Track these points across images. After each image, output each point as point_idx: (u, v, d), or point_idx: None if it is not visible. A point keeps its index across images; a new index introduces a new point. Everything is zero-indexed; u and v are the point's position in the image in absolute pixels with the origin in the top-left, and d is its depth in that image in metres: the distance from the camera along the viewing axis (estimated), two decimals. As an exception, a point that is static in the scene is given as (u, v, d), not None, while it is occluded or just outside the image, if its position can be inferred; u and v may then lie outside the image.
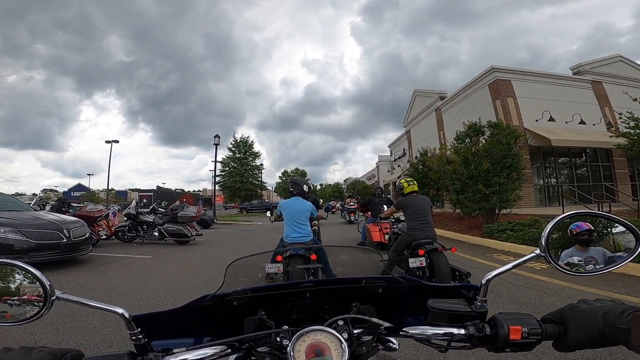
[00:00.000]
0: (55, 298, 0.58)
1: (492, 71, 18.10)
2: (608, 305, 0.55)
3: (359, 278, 0.72)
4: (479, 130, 9.84)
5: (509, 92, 17.60)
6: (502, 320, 0.58)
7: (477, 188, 8.85)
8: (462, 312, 0.63)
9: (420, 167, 15.02)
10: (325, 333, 0.58)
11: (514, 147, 9.26)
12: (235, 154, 46.67)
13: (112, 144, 36.10)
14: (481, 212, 9.27)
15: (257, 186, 45.31)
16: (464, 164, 9.26)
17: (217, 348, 0.61)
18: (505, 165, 8.88)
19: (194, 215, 8.89)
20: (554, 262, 0.63)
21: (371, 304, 0.69)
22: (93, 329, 3.04)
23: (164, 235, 8.83)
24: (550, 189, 17.11)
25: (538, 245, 0.63)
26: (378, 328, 0.63)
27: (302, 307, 0.72)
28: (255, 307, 0.69)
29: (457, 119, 21.40)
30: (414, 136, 28.77)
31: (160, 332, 0.66)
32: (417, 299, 0.68)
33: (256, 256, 0.84)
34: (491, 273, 0.64)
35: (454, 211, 12.33)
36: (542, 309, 3.43)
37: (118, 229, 9.32)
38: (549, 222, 0.64)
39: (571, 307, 0.58)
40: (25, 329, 2.86)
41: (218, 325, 0.70)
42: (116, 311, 0.58)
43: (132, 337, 0.59)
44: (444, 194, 14.78)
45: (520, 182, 9.21)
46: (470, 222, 10.75)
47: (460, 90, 21.23)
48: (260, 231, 13.66)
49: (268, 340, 0.61)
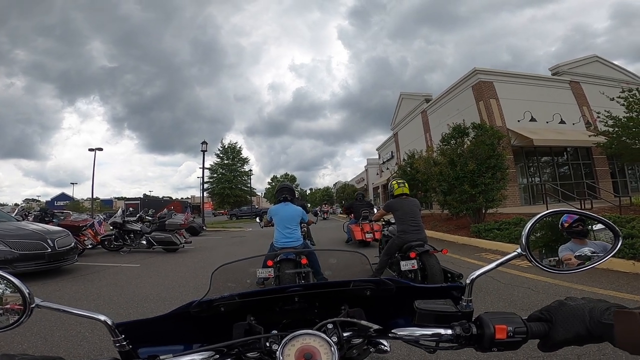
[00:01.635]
0: (35, 306, 0.57)
1: (474, 73, 18.50)
2: (593, 302, 0.56)
3: (347, 281, 0.72)
4: (463, 131, 10.04)
5: (492, 94, 18.00)
6: (487, 320, 0.58)
7: (464, 189, 9.01)
8: (448, 313, 0.63)
9: (408, 170, 15.19)
10: (314, 337, 0.57)
11: (498, 147, 9.47)
12: (223, 160, 46.26)
13: (96, 151, 35.56)
14: (468, 212, 9.44)
15: (246, 192, 44.98)
16: (450, 165, 9.43)
17: (204, 354, 0.60)
18: (490, 165, 9.07)
19: (182, 223, 8.80)
20: (534, 261, 0.63)
21: (360, 307, 0.70)
22: (82, 338, 2.99)
23: (152, 243, 8.70)
24: (534, 187, 17.51)
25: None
26: (367, 330, 0.63)
27: (291, 312, 0.72)
28: (244, 312, 0.69)
29: (442, 120, 21.73)
30: (402, 139, 29.11)
31: (147, 339, 0.65)
32: (404, 300, 0.69)
33: (244, 261, 0.83)
34: (475, 273, 0.65)
35: (442, 212, 12.51)
36: (531, 307, 3.21)
37: (104, 238, 9.14)
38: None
39: (559, 303, 0.58)
40: (12, 338, 2.80)
41: (207, 331, 0.70)
42: (98, 318, 0.58)
43: (115, 344, 0.58)
44: (431, 195, 15.04)
45: (505, 181, 9.43)
46: (458, 222, 10.91)
47: (445, 93, 21.62)
48: (250, 237, 13.58)
49: (257, 345, 0.61)
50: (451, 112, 20.35)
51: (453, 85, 20.59)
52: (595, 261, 0.64)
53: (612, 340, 0.50)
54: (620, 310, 0.50)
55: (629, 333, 0.47)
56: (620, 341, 0.49)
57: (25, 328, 0.84)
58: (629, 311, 0.48)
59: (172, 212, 9.56)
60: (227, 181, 44.14)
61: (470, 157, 9.13)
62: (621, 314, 0.49)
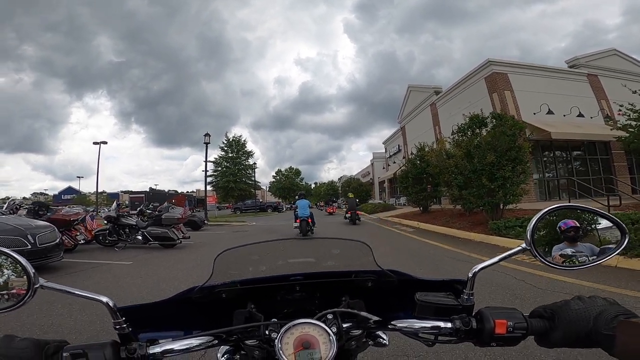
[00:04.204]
0: (39, 286, 0.57)
1: (488, 64, 17.72)
2: (602, 306, 0.53)
3: (349, 272, 0.72)
4: (482, 121, 9.35)
5: (506, 85, 17.23)
6: (488, 314, 0.58)
7: (481, 182, 8.37)
8: (448, 306, 0.62)
9: (417, 163, 14.52)
10: (313, 326, 0.57)
11: (519, 138, 8.80)
12: (227, 153, 45.77)
13: (101, 145, 35.38)
14: (485, 208, 8.79)
15: (250, 186, 44.52)
16: (466, 157, 8.77)
17: (203, 339, 0.60)
18: (510, 157, 8.41)
19: (180, 217, 8.26)
20: (539, 256, 0.62)
21: (361, 298, 0.69)
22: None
23: (147, 239, 8.20)
24: (550, 183, 16.78)
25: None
26: (367, 322, 0.63)
27: (292, 301, 0.72)
28: (245, 300, 0.69)
29: (453, 113, 20.99)
30: (409, 132, 28.34)
31: (148, 323, 0.65)
32: (406, 292, 0.67)
33: (248, 247, 0.82)
34: (477, 266, 0.63)
35: (454, 207, 11.89)
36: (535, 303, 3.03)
37: (99, 232, 8.67)
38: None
39: (564, 303, 0.56)
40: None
41: (207, 318, 0.69)
42: (100, 300, 0.58)
43: (115, 326, 0.58)
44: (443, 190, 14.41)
45: (526, 175, 8.76)
46: (472, 218, 10.30)
47: (456, 85, 20.83)
48: (252, 232, 13.07)
49: (257, 333, 0.61)
50: (462, 105, 19.59)
51: (465, 76, 19.80)
52: (603, 257, 0.62)
53: (609, 350, 0.49)
54: (625, 321, 0.49)
55: (631, 344, 0.47)
56: (620, 351, 0.48)
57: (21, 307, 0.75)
58: (635, 322, 0.48)
59: (169, 205, 9.03)
60: (231, 174, 43.72)
61: (488, 149, 8.47)
62: (626, 324, 0.49)
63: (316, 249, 0.98)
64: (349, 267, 0.75)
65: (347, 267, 0.75)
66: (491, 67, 17.59)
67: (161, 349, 0.58)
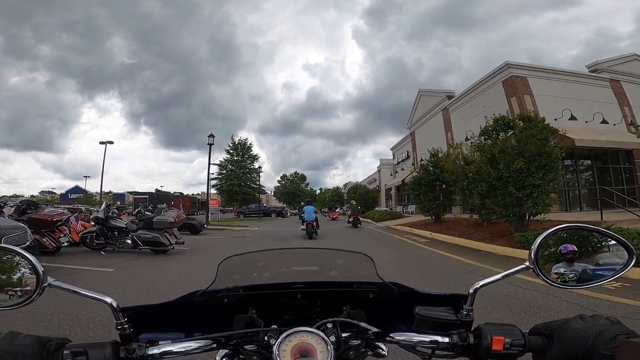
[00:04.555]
0: (48, 285, 0.58)
1: (506, 67, 16.90)
2: (603, 326, 0.52)
3: (351, 282, 0.73)
4: (509, 124, 8.50)
5: (525, 89, 16.39)
6: (486, 330, 0.58)
7: (508, 191, 7.52)
8: (447, 320, 0.63)
9: (430, 169, 13.65)
10: (312, 334, 0.57)
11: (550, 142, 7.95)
12: (233, 156, 45.27)
13: (107, 145, 35.08)
14: (511, 219, 7.91)
15: (254, 190, 43.83)
16: (490, 163, 7.92)
17: (202, 342, 0.61)
18: (540, 164, 7.56)
19: (173, 221, 7.49)
20: (541, 275, 0.62)
21: (362, 309, 0.70)
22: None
23: (137, 243, 7.47)
24: (570, 192, 15.80)
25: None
26: (366, 333, 0.62)
27: (293, 309, 0.72)
28: (247, 305, 0.69)
29: (466, 118, 20.16)
30: (419, 138, 27.49)
31: (148, 325, 0.65)
32: (406, 305, 0.68)
33: (252, 254, 0.83)
34: (479, 283, 0.63)
35: (471, 217, 11.02)
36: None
37: (85, 234, 7.96)
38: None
39: (565, 321, 0.55)
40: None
41: (208, 321, 0.69)
42: (105, 300, 0.59)
43: (117, 326, 0.59)
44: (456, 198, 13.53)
45: (557, 183, 7.89)
46: (492, 229, 9.43)
47: (470, 89, 20.00)
48: (253, 238, 12.29)
49: (256, 338, 0.61)
50: (477, 109, 18.76)
51: (480, 80, 18.98)
52: (609, 277, 0.62)
53: None
54: (627, 340, 0.48)
55: None
56: None
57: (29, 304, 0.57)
58: (636, 342, 0.47)
59: (163, 208, 8.29)
60: (235, 178, 43.13)
61: (515, 154, 7.62)
62: (627, 344, 0.48)
63: (320, 258, 0.94)
64: (351, 278, 0.75)
65: (350, 278, 0.76)
66: (509, 70, 16.77)
67: (160, 350, 0.58)
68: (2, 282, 0.59)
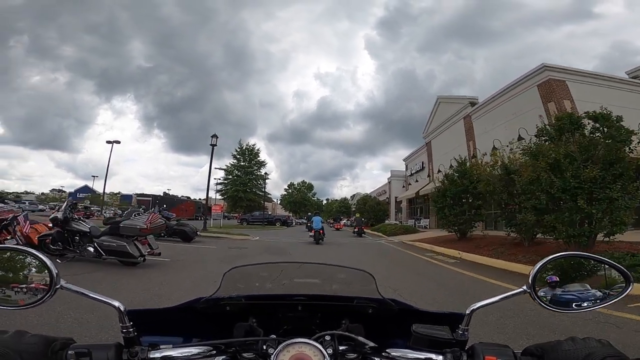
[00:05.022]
0: (60, 287, 0.59)
1: (542, 70, 15.22)
2: (593, 348, 0.53)
3: (351, 297, 0.75)
4: (576, 123, 6.81)
5: (565, 94, 14.65)
6: (479, 350, 0.58)
7: (576, 205, 5.79)
8: (442, 339, 0.63)
9: (456, 179, 11.90)
10: (310, 346, 0.57)
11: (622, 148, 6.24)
12: (240, 161, 43.98)
13: (113, 144, 34.17)
14: (580, 239, 6.14)
15: (260, 197, 42.36)
16: (552, 170, 6.20)
17: (202, 348, 0.62)
18: (617, 173, 5.84)
19: (143, 228, 5.82)
20: (537, 299, 0.64)
21: (360, 323, 0.71)
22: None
23: (100, 252, 5.90)
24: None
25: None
26: (363, 347, 0.63)
27: (293, 319, 0.73)
28: (248, 314, 0.71)
29: (493, 126, 18.48)
30: (436, 148, 25.80)
31: (151, 328, 0.67)
32: (404, 322, 0.69)
33: (257, 266, 0.88)
34: (476, 304, 0.65)
35: (509, 234, 9.26)
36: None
37: (42, 238, 6.42)
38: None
39: (557, 343, 0.56)
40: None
41: (208, 328, 0.71)
42: (113, 304, 0.60)
43: (122, 329, 0.60)
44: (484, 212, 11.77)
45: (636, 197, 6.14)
46: (536, 249, 7.69)
47: (497, 94, 18.33)
48: (251, 250, 10.63)
49: (255, 347, 0.62)
50: (505, 117, 17.05)
51: (510, 85, 17.30)
52: (606, 302, 0.65)
53: None
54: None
55: None
56: None
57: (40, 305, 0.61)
58: None
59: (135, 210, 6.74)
60: (241, 184, 41.72)
61: (585, 160, 5.92)
62: None
63: (322, 273, 0.95)
64: (351, 293, 0.78)
65: (350, 293, 0.78)
66: (546, 72, 15.08)
67: (161, 354, 0.59)
68: (16, 282, 0.60)
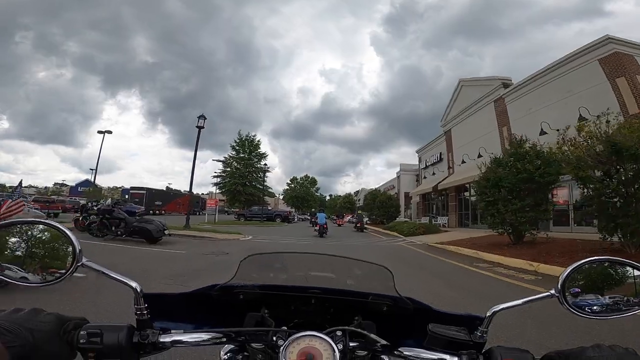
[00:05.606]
0: (81, 264, 0.59)
1: (606, 42, 12.29)
2: (620, 355, 0.52)
3: (366, 293, 0.73)
4: None
5: (636, 69, 11.71)
6: (497, 353, 0.57)
7: None
8: (459, 340, 0.62)
9: (514, 165, 8.88)
10: (320, 340, 0.57)
11: None
12: (239, 152, 41.04)
13: (105, 134, 31.49)
14: None
15: (259, 190, 39.40)
16: None
17: (212, 334, 0.62)
18: None
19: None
20: (566, 304, 0.62)
21: (374, 321, 0.69)
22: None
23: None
24: None
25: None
26: (374, 345, 0.62)
27: (305, 313, 0.72)
28: (260, 304, 0.71)
29: (533, 109, 15.54)
30: (457, 136, 22.81)
31: (165, 314, 0.67)
32: (420, 322, 0.67)
33: (273, 255, 0.86)
34: (499, 306, 0.62)
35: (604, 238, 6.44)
36: None
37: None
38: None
39: (581, 350, 0.54)
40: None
41: (221, 316, 0.71)
42: (130, 284, 0.60)
43: (136, 311, 0.60)
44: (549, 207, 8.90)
45: None
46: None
47: (543, 72, 15.31)
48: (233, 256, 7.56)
49: (265, 337, 0.61)
50: (555, 95, 14.05)
51: (561, 60, 14.27)
52: (635, 309, 0.62)
53: None
54: None
55: None
56: None
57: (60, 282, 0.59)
58: None
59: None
60: (240, 176, 38.83)
61: None
62: None
63: (339, 266, 0.90)
64: (367, 289, 0.75)
65: (366, 289, 0.75)
66: (611, 45, 12.16)
67: (171, 338, 0.60)
68: (39, 257, 0.60)
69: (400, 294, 0.71)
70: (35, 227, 0.60)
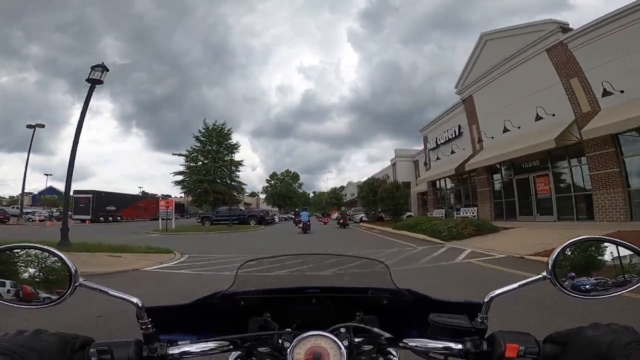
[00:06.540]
0: (79, 284, 0.58)
1: None
2: (618, 333, 0.52)
3: (365, 288, 0.74)
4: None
5: None
6: (499, 338, 0.57)
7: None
8: (461, 327, 0.62)
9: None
10: (325, 339, 0.57)
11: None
12: (205, 145, 34.29)
13: (36, 127, 24.50)
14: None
15: (232, 187, 32.88)
16: None
17: (219, 343, 0.62)
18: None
19: None
20: (558, 285, 0.62)
21: (375, 315, 0.70)
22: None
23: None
24: None
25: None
26: (379, 338, 0.63)
27: (307, 313, 0.72)
28: (262, 308, 0.70)
29: (622, 53, 10.39)
30: (483, 102, 17.32)
31: (169, 325, 0.67)
32: (420, 312, 0.67)
33: (269, 259, 0.89)
34: (495, 292, 0.63)
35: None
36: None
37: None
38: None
39: (580, 329, 0.55)
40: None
41: (225, 324, 0.70)
42: (132, 301, 0.59)
43: (141, 326, 0.60)
44: None
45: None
46: None
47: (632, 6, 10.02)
48: None
49: (270, 341, 0.61)
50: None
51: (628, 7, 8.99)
52: (626, 287, 0.62)
53: None
54: (638, 349, 0.48)
55: None
56: None
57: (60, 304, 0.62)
58: None
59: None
60: (206, 172, 32.24)
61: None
62: (638, 352, 0.48)
63: (335, 264, 0.91)
64: (365, 284, 0.76)
65: (364, 284, 0.76)
66: None
67: (179, 350, 0.59)
68: (36, 280, 0.59)
69: (398, 286, 0.72)
70: (26, 251, 0.60)
